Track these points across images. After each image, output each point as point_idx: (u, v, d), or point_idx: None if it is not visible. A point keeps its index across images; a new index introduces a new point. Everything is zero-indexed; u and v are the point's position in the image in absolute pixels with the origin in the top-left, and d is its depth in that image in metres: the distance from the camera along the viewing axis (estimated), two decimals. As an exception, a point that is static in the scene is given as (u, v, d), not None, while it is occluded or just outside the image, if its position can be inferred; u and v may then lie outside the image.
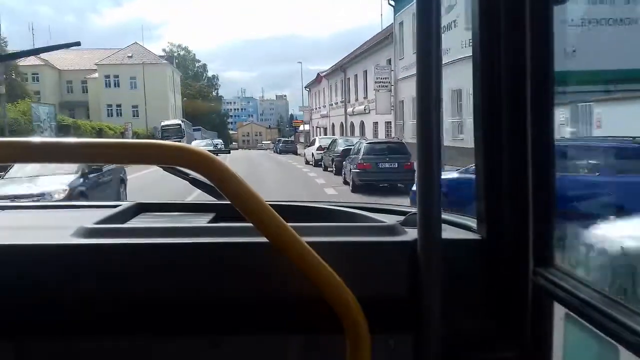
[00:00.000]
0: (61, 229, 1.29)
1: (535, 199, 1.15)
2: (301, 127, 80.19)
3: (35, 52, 1.90)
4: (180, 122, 53.02)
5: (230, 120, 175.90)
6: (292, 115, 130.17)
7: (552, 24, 1.12)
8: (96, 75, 69.76)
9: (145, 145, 1.00)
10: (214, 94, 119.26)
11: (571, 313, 1.06)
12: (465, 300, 1.22)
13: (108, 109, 69.61)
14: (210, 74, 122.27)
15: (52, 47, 1.78)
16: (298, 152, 48.45)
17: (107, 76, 70.43)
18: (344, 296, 1.05)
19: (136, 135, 48.15)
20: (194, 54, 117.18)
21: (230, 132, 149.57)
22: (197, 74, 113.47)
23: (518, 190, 1.17)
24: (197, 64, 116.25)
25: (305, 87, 71.30)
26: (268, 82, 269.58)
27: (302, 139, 74.15)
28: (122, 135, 43.49)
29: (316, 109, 64.91)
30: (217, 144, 56.61)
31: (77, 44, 1.97)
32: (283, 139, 68.22)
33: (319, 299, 1.05)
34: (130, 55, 70.61)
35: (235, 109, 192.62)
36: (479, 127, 1.22)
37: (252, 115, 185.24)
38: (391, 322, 1.20)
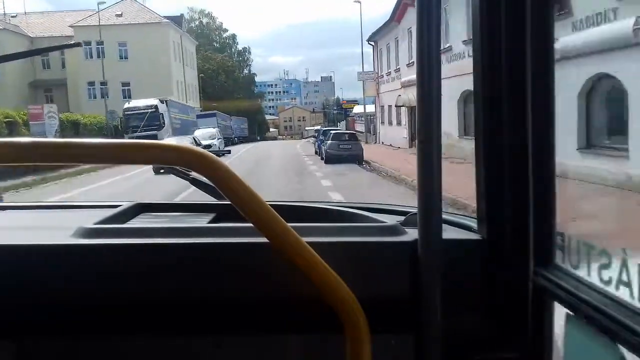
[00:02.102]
0: (61, 229, 1.57)
1: (536, 199, 1.40)
2: (357, 109, 65.45)
3: (35, 52, 2.14)
4: (155, 103, 42.13)
5: (270, 104, 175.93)
6: (338, 98, 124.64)
7: (553, 23, 1.37)
8: (73, 42, 60.56)
9: (145, 145, 1.19)
10: (245, 71, 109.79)
11: (572, 313, 1.28)
12: (465, 300, 1.49)
13: (90, 89, 62.63)
14: (241, 47, 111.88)
15: (52, 47, 2.03)
16: (366, 161, 29.91)
17: (88, 43, 62.12)
18: (344, 296, 1.28)
19: (67, 123, 36.66)
20: (221, 23, 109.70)
21: (271, 117, 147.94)
22: (224, 47, 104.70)
23: (518, 191, 1.42)
24: (224, 34, 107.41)
25: (368, 41, 51.54)
26: (313, 67, 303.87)
27: (359, 127, 57.54)
28: (26, 126, 31.77)
29: (389, 74, 45.40)
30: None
31: (79, 44, 2.21)
32: (333, 129, 40.54)
33: (319, 299, 1.30)
34: (119, 13, 62.82)
35: (276, 92, 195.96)
36: (479, 127, 1.49)
37: (295, 99, 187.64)
38: (392, 322, 1.47)
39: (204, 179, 1.43)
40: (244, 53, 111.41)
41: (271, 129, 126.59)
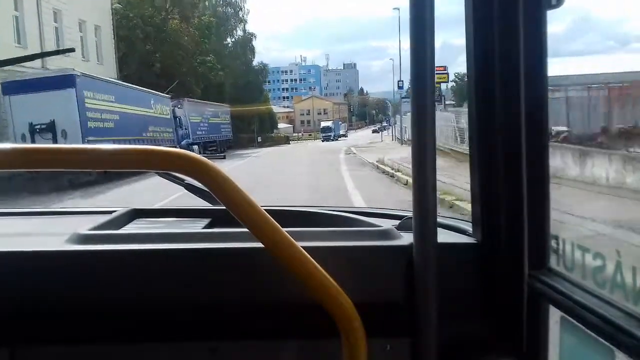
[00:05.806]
0: (56, 235, 1.66)
1: (530, 203, 1.48)
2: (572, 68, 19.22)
3: (30, 58, 2.28)
4: None
5: (285, 94, 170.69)
6: (362, 88, 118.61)
7: (545, 28, 1.45)
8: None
9: (138, 150, 1.28)
10: (239, 32, 75.31)
11: (567, 316, 1.36)
12: (461, 304, 1.58)
13: None
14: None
15: (47, 52, 2.18)
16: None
17: None
18: (339, 301, 1.36)
19: None
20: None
21: (284, 111, 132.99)
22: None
23: (513, 194, 1.51)
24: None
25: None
26: (333, 60, 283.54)
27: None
28: None
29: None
30: None
31: (72, 50, 2.34)
32: None
33: (314, 303, 1.37)
34: None
35: (292, 80, 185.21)
36: (473, 131, 1.58)
37: (313, 88, 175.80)
38: (387, 327, 1.55)
39: (199, 184, 1.47)
40: (236, 9, 74.07)
41: (282, 125, 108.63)
